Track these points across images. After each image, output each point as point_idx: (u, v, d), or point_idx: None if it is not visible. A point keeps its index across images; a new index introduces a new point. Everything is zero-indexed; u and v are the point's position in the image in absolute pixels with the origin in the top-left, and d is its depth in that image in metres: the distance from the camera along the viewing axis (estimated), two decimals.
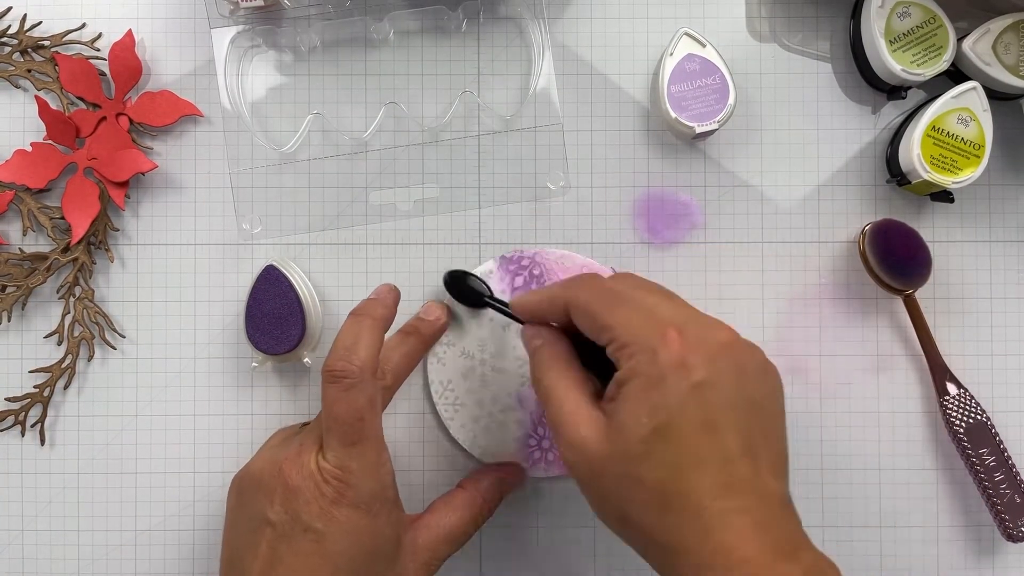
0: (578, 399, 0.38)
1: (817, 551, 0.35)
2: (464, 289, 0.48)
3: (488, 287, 0.49)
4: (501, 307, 0.47)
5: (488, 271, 0.49)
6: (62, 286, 0.50)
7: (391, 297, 0.45)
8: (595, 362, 0.40)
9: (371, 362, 0.41)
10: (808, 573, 0.34)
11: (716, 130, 0.48)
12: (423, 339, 0.48)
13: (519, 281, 0.49)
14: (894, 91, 0.49)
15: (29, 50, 0.50)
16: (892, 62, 0.47)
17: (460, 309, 0.49)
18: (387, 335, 0.47)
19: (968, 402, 0.49)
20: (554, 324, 0.42)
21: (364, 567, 0.40)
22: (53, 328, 0.50)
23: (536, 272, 0.49)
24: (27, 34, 0.50)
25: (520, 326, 0.43)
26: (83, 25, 0.50)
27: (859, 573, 0.50)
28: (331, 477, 0.40)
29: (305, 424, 0.47)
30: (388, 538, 0.41)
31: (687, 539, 0.34)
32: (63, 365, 0.50)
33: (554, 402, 0.38)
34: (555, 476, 0.50)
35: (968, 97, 0.47)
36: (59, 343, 0.50)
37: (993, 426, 0.48)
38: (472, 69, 0.50)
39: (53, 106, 0.49)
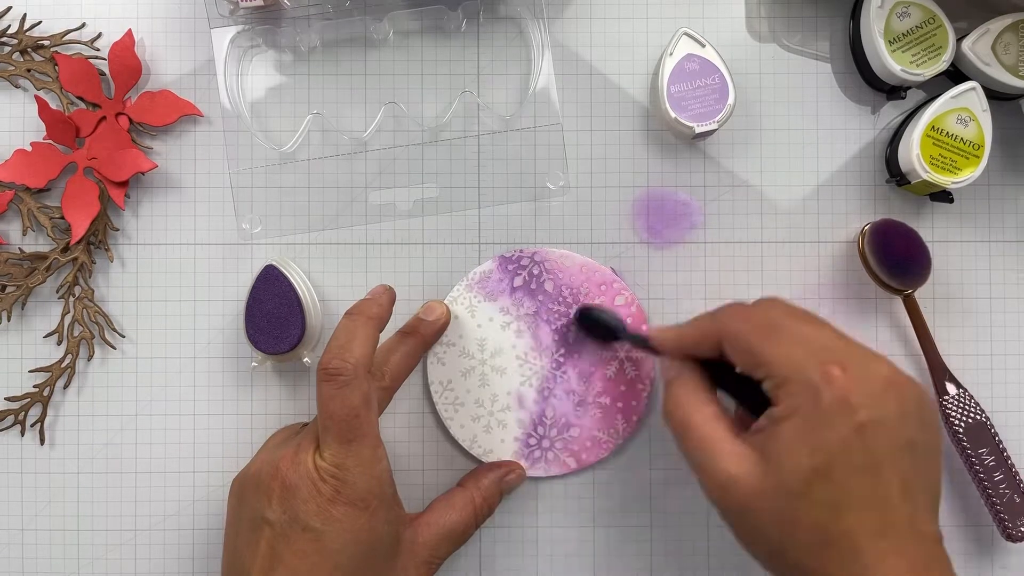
0: (721, 433, 0.38)
1: None
2: (596, 324, 0.48)
3: (623, 322, 0.47)
4: (639, 342, 0.45)
5: (487, 271, 0.50)
6: (62, 286, 0.50)
7: (386, 296, 0.45)
8: (737, 393, 0.40)
9: (365, 360, 0.41)
10: None
11: (716, 130, 0.48)
12: (423, 339, 0.48)
13: (518, 281, 0.49)
14: (894, 91, 0.49)
15: (29, 50, 0.50)
16: (892, 62, 0.47)
17: (461, 308, 0.49)
18: (387, 335, 0.48)
19: (967, 402, 0.49)
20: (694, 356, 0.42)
21: (363, 565, 0.40)
22: (53, 328, 0.50)
23: (535, 272, 0.49)
24: (27, 34, 0.50)
25: (656, 357, 0.43)
26: (83, 25, 0.50)
27: None
28: (328, 475, 0.40)
29: (306, 424, 0.47)
30: (386, 535, 0.41)
31: None
32: (63, 365, 0.50)
33: (694, 435, 0.38)
34: (555, 476, 0.50)
35: (967, 97, 0.47)
36: (59, 343, 0.50)
37: (992, 426, 0.48)
38: (472, 69, 0.50)
39: (53, 106, 0.49)
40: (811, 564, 0.35)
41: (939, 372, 0.49)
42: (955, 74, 0.49)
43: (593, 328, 0.48)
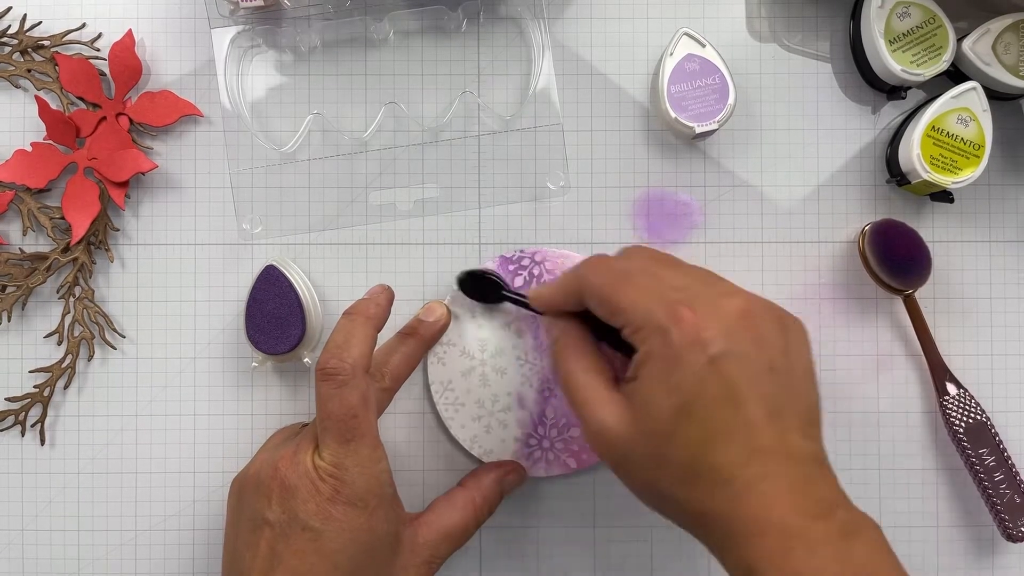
0: (596, 383, 0.39)
1: (854, 508, 0.36)
2: (480, 286, 0.48)
3: (504, 281, 0.48)
4: (519, 300, 0.47)
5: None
6: (62, 286, 0.50)
7: (384, 296, 0.45)
8: (619, 343, 0.40)
9: (363, 359, 0.41)
10: (844, 530, 0.34)
11: (716, 130, 0.48)
12: (423, 340, 0.48)
13: (519, 281, 0.49)
14: (894, 91, 0.49)
15: (29, 50, 0.50)
16: (892, 62, 0.47)
17: (462, 309, 0.49)
18: (387, 336, 0.48)
19: (968, 402, 0.49)
20: (573, 312, 0.42)
21: (363, 564, 0.40)
22: (53, 328, 0.50)
23: (536, 272, 0.49)
24: (27, 34, 0.50)
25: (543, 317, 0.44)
26: (83, 25, 0.50)
27: None
28: (327, 475, 0.40)
29: (306, 425, 0.47)
30: (386, 534, 0.41)
31: (719, 509, 0.35)
32: (63, 365, 0.50)
33: (573, 388, 0.39)
34: (555, 476, 0.50)
35: (968, 97, 0.47)
36: (59, 343, 0.50)
37: (993, 426, 0.48)
38: (472, 69, 0.50)
39: (53, 106, 0.49)
40: (687, 500, 0.36)
41: (939, 372, 0.49)
42: (955, 74, 0.49)
43: (476, 291, 0.48)
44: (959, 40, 0.47)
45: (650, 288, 0.38)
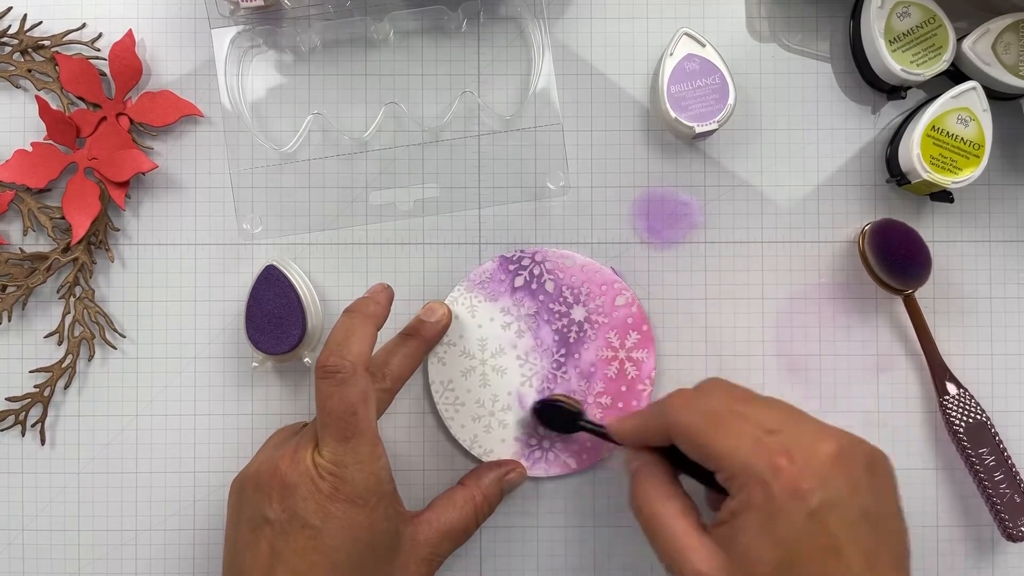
0: (686, 528, 0.38)
1: None
2: (555, 415, 0.48)
3: (582, 409, 0.48)
4: (597, 431, 0.46)
5: (488, 271, 0.50)
6: (62, 286, 0.50)
7: (384, 295, 0.45)
8: (698, 476, 0.41)
9: (363, 357, 0.41)
10: None
11: (716, 130, 0.48)
12: (424, 340, 0.48)
13: (519, 281, 0.49)
14: (894, 91, 0.49)
15: (29, 50, 0.50)
16: (892, 62, 0.47)
17: (462, 308, 0.49)
18: (389, 336, 0.48)
19: (968, 402, 0.49)
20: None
21: (363, 562, 0.40)
22: (53, 328, 0.50)
23: (536, 272, 0.50)
24: (27, 34, 0.50)
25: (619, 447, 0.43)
26: (83, 25, 0.50)
27: None
28: (326, 473, 0.40)
29: (306, 424, 0.47)
30: (386, 532, 0.41)
31: None
32: (63, 365, 0.50)
33: (662, 531, 0.39)
34: (555, 476, 0.50)
35: (968, 97, 0.47)
36: (59, 343, 0.50)
37: (993, 426, 0.48)
38: (472, 69, 0.50)
39: (53, 106, 0.49)
40: None
41: (939, 372, 0.49)
42: (955, 74, 0.49)
43: (552, 419, 0.48)
44: (959, 40, 0.47)
45: (744, 432, 0.37)
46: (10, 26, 0.50)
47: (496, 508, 0.47)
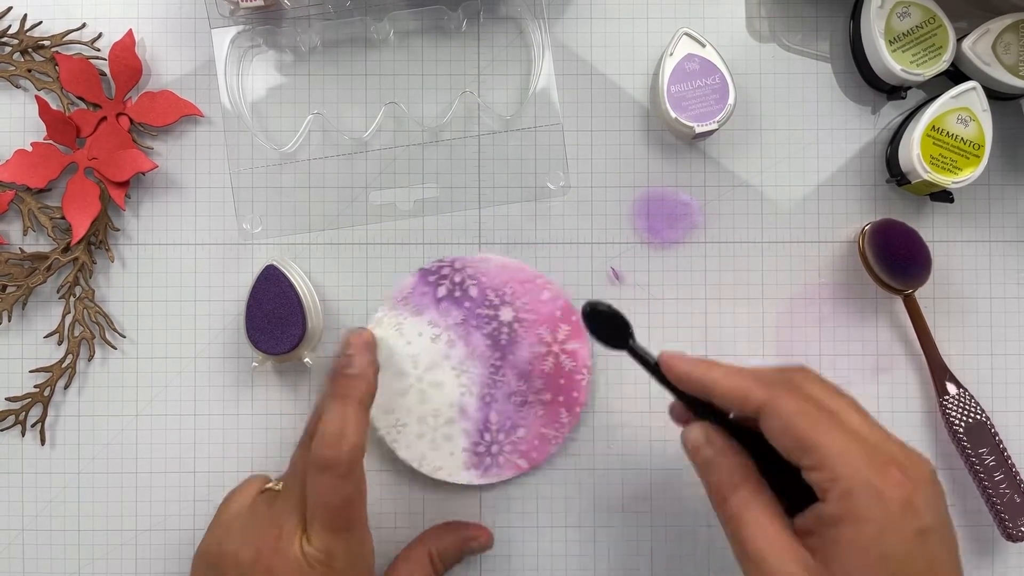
0: (779, 532, 0.35)
1: None
2: (604, 325, 0.41)
3: (631, 330, 0.41)
4: (646, 361, 0.40)
5: (409, 286, 0.49)
6: (62, 286, 0.50)
7: (371, 370, 0.43)
8: (758, 456, 0.38)
9: (359, 449, 0.40)
10: None
11: (716, 130, 0.48)
12: (359, 399, 0.42)
13: (441, 291, 0.49)
14: (894, 91, 0.49)
15: (29, 50, 0.50)
16: (892, 62, 0.47)
17: (387, 328, 0.49)
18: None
19: (968, 402, 0.49)
20: (702, 400, 0.39)
21: None
22: (53, 328, 0.50)
23: (457, 279, 0.49)
24: (27, 34, 0.50)
25: (681, 428, 0.39)
26: (83, 25, 0.50)
27: None
28: (316, 562, 0.39)
29: (266, 485, 0.45)
30: None
31: None
32: (63, 365, 0.50)
33: (751, 531, 0.36)
34: (509, 479, 0.49)
35: (968, 97, 0.47)
36: (59, 343, 0.50)
37: (993, 426, 0.48)
38: (472, 69, 0.50)
39: (53, 106, 0.49)
40: None
41: (939, 372, 0.49)
42: (955, 74, 0.49)
43: (599, 328, 0.41)
44: (959, 40, 0.47)
45: (852, 438, 0.35)
46: (10, 26, 0.50)
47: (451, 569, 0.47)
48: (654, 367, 0.40)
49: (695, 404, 0.39)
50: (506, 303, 0.49)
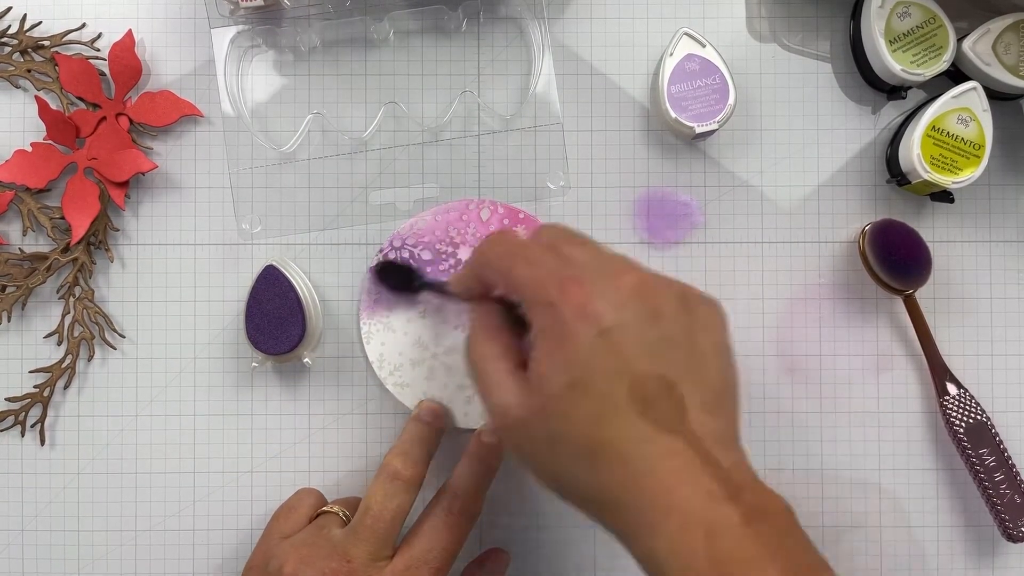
0: (501, 367, 0.37)
1: (763, 488, 0.34)
2: (395, 278, 0.47)
3: (420, 271, 0.47)
4: (438, 287, 0.45)
5: (372, 289, 0.49)
6: (62, 286, 0.50)
7: (425, 451, 0.45)
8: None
9: (422, 472, 0.44)
10: (749, 514, 0.32)
11: (716, 130, 0.48)
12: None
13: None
14: (894, 91, 0.49)
15: (29, 50, 0.50)
16: (892, 62, 0.47)
17: (378, 335, 0.49)
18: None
19: (968, 402, 0.49)
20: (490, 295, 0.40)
21: None
22: (53, 328, 0.50)
23: (405, 254, 0.49)
24: (27, 34, 0.50)
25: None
26: (83, 25, 0.50)
27: (859, 573, 0.50)
28: None
29: (317, 511, 0.46)
30: None
31: (618, 491, 0.33)
32: (63, 365, 0.50)
33: (479, 373, 0.37)
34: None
35: (968, 97, 0.47)
36: (59, 343, 0.50)
37: (993, 426, 0.48)
38: (472, 69, 0.50)
39: (53, 106, 0.49)
40: (586, 482, 0.34)
41: (939, 372, 0.49)
42: (956, 74, 0.49)
43: (391, 280, 0.47)
44: (959, 40, 0.47)
45: (545, 263, 0.36)
46: (10, 26, 0.50)
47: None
48: (446, 292, 0.43)
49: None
50: (458, 244, 0.49)
